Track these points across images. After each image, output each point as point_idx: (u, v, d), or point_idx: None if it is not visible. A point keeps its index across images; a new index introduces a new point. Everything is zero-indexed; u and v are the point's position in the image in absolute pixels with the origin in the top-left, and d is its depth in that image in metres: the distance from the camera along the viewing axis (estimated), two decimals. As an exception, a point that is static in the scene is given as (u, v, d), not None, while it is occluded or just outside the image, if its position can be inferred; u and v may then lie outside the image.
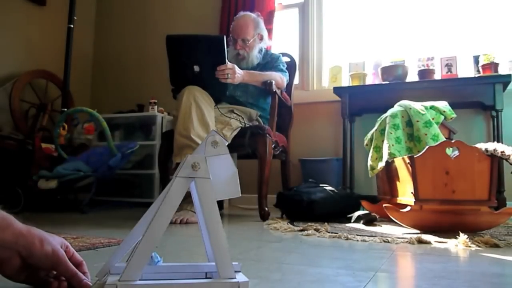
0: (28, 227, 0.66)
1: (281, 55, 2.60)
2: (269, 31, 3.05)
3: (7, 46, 3.35)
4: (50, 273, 0.71)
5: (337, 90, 2.87)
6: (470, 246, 1.34)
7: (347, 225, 1.91)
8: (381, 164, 2.02)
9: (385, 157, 1.99)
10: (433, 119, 2.03)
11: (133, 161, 3.08)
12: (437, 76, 2.78)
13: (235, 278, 0.71)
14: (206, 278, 0.80)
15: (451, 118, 2.11)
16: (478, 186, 1.68)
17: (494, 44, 2.82)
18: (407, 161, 1.77)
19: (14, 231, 0.64)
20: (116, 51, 4.08)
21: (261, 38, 2.52)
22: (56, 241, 0.68)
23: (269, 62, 2.51)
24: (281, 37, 3.46)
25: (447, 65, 2.80)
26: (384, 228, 1.80)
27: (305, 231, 1.64)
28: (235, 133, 2.17)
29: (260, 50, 2.51)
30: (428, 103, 2.11)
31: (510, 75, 2.46)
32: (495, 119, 2.56)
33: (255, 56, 2.47)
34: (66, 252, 0.69)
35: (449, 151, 1.73)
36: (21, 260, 0.65)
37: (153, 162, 3.01)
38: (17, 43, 3.44)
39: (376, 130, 2.17)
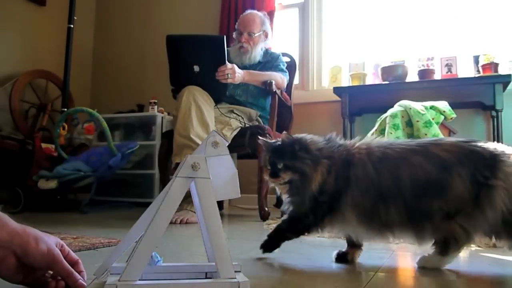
0: (23, 226, 0.66)
1: (281, 54, 2.61)
2: (269, 31, 3.05)
3: (7, 46, 3.35)
4: (47, 273, 0.70)
5: (337, 90, 2.87)
6: (470, 246, 1.34)
7: (347, 225, 1.91)
8: (381, 164, 2.02)
9: (385, 157, 1.98)
10: (433, 119, 2.03)
11: (133, 161, 3.08)
12: (437, 76, 2.77)
13: (235, 278, 0.71)
14: (206, 278, 0.80)
15: (451, 118, 2.11)
16: (478, 186, 1.68)
17: (494, 44, 2.82)
18: (407, 161, 1.77)
19: (9, 230, 0.64)
20: (116, 51, 4.08)
21: (266, 36, 2.54)
22: (51, 240, 0.68)
23: (269, 61, 2.51)
24: (281, 37, 3.46)
25: (447, 65, 2.79)
26: (384, 228, 1.80)
27: (305, 231, 1.64)
28: (235, 133, 2.17)
29: (262, 48, 2.52)
30: (428, 103, 2.11)
31: (510, 75, 2.45)
32: (495, 119, 2.56)
33: (258, 53, 2.47)
34: (61, 251, 0.68)
35: (449, 151, 1.73)
36: (17, 260, 0.65)
37: (153, 162, 3.01)
38: (17, 43, 3.44)
39: (376, 130, 2.17)
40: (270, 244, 1.08)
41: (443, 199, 0.90)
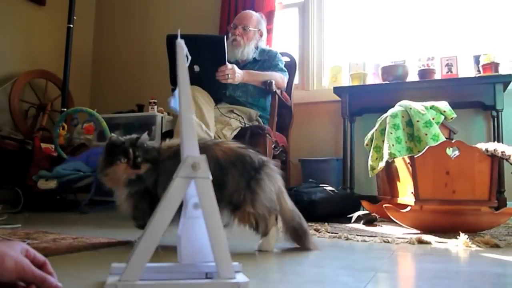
0: None
1: (278, 52, 2.60)
2: (269, 31, 3.04)
3: (7, 46, 3.35)
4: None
5: (337, 90, 2.86)
6: (470, 247, 1.34)
7: (347, 225, 1.91)
8: (382, 164, 2.02)
9: (386, 157, 1.99)
10: (433, 119, 2.02)
11: (133, 161, 3.07)
12: (437, 76, 2.77)
13: (235, 278, 0.71)
14: (206, 278, 0.79)
15: (451, 118, 2.11)
16: (478, 186, 1.68)
17: (495, 44, 2.82)
18: (407, 161, 1.77)
19: None
20: (115, 51, 4.08)
21: (261, 35, 2.53)
22: (16, 250, 0.65)
23: (266, 60, 2.50)
24: (281, 37, 3.46)
25: (447, 65, 2.79)
26: (384, 228, 1.80)
27: (305, 231, 1.64)
28: (235, 133, 2.17)
29: (256, 47, 2.51)
30: (429, 103, 2.11)
31: (510, 75, 2.45)
32: (496, 119, 2.55)
33: (251, 49, 2.46)
34: (27, 257, 0.66)
35: (449, 151, 1.73)
36: None
37: (153, 162, 2.99)
38: (17, 43, 3.43)
39: (376, 130, 2.17)
40: None
41: (223, 193, 1.11)
